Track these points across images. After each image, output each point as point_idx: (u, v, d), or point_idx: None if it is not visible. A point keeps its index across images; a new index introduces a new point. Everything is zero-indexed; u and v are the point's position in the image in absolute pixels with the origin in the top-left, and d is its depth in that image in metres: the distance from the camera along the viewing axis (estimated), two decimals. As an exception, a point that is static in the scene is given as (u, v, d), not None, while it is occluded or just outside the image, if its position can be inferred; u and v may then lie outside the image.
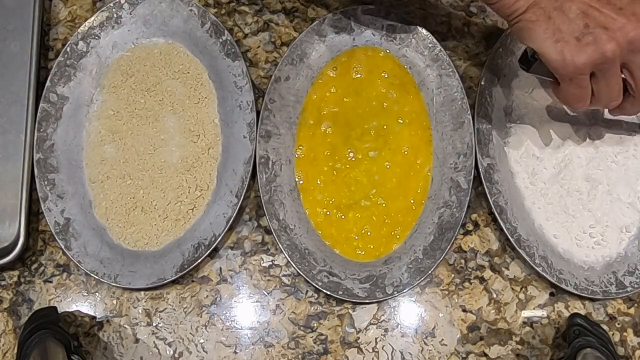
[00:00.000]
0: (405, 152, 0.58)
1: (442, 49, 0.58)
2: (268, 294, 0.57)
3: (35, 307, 0.58)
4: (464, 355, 0.55)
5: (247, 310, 0.57)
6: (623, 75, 0.46)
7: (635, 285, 0.55)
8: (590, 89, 0.46)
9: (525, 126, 0.58)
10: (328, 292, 0.55)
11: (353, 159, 0.58)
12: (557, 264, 0.55)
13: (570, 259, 0.56)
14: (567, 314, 0.56)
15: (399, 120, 0.58)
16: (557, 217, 0.56)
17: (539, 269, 0.54)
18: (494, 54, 0.58)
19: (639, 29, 0.42)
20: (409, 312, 0.56)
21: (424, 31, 0.59)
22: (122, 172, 0.58)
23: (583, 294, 0.54)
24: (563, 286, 0.54)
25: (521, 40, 0.47)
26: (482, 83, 0.57)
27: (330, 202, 0.57)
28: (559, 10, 0.44)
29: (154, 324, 0.57)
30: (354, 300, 0.55)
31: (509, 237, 0.55)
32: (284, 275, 0.57)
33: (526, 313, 0.56)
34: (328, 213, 0.57)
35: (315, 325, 0.56)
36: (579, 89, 0.46)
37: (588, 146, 0.58)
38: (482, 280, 0.57)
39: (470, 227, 0.58)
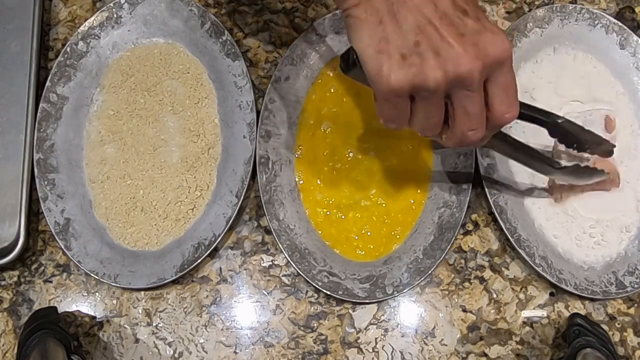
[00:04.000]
0: (405, 152, 0.58)
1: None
2: (268, 294, 0.57)
3: (35, 307, 0.58)
4: (464, 355, 0.55)
5: (247, 310, 0.57)
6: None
7: (635, 285, 0.55)
8: (406, 112, 0.40)
9: (525, 126, 0.58)
10: (328, 292, 0.55)
11: (353, 159, 0.58)
12: (557, 264, 0.55)
13: (570, 259, 0.56)
14: (567, 314, 0.56)
15: (399, 120, 0.58)
16: (557, 217, 0.56)
17: (539, 269, 0.54)
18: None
19: (473, 64, 0.36)
20: (409, 312, 0.56)
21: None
22: (122, 172, 0.58)
23: (583, 294, 0.54)
24: (563, 286, 0.54)
25: (348, 38, 0.40)
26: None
27: (330, 202, 0.57)
28: (393, 17, 0.37)
29: (154, 324, 0.57)
30: (354, 300, 0.55)
31: (509, 237, 0.55)
32: (284, 275, 0.57)
33: (526, 313, 0.56)
34: (328, 213, 0.57)
35: (315, 325, 0.56)
36: (392, 110, 0.39)
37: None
38: (482, 280, 0.57)
39: (470, 227, 0.58)
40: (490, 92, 0.39)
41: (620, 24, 0.59)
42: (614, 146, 0.54)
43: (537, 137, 0.56)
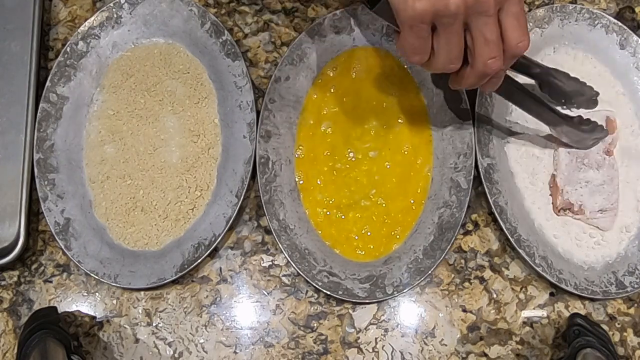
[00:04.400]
0: (405, 152, 0.58)
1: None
2: (268, 294, 0.57)
3: (35, 307, 0.58)
4: (464, 355, 0.55)
5: (247, 310, 0.57)
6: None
7: (635, 285, 0.55)
8: (429, 42, 0.42)
9: (525, 126, 0.58)
10: (328, 292, 0.55)
11: (353, 159, 0.58)
12: (557, 264, 0.55)
13: (570, 259, 0.56)
14: (567, 314, 0.56)
15: (399, 120, 0.58)
16: (557, 217, 0.56)
17: (539, 269, 0.54)
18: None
19: None
20: (409, 312, 0.56)
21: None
22: (122, 172, 0.58)
23: (583, 294, 0.54)
24: (563, 286, 0.54)
25: None
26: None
27: (330, 202, 0.57)
28: None
29: (154, 324, 0.57)
30: (354, 300, 0.55)
31: (509, 237, 0.55)
32: (284, 275, 0.57)
33: (526, 313, 0.56)
34: (328, 213, 0.57)
35: (315, 325, 0.56)
36: (417, 40, 0.42)
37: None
38: (482, 280, 0.57)
39: (470, 227, 0.58)
40: (504, 22, 0.41)
41: (620, 24, 0.59)
42: (597, 93, 0.57)
43: (538, 124, 0.56)
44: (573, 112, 0.57)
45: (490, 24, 0.41)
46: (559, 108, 0.56)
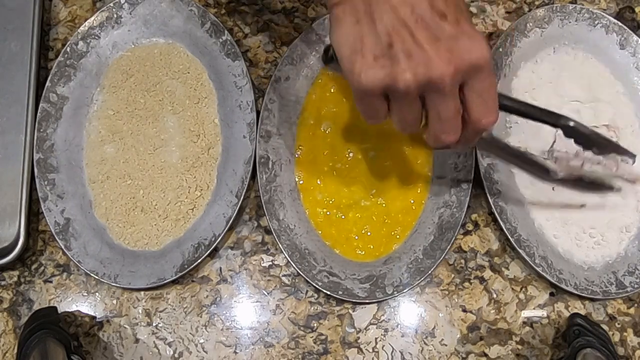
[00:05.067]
0: (405, 152, 0.58)
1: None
2: (268, 294, 0.57)
3: (35, 307, 0.58)
4: (464, 355, 0.55)
5: (247, 310, 0.57)
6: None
7: (635, 285, 0.55)
8: (382, 109, 0.40)
9: (525, 126, 0.58)
10: (328, 292, 0.55)
11: (353, 159, 0.58)
12: (557, 264, 0.55)
13: (570, 259, 0.56)
14: (567, 314, 0.56)
15: (399, 120, 0.58)
16: (557, 217, 0.56)
17: (539, 269, 0.54)
18: (493, 54, 0.58)
19: (444, 69, 0.36)
20: (409, 312, 0.56)
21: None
22: (122, 172, 0.58)
23: (583, 294, 0.54)
24: (563, 286, 0.54)
25: (329, 33, 0.40)
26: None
27: (330, 202, 0.57)
28: (370, 18, 0.37)
29: (154, 324, 0.57)
30: (354, 300, 0.55)
31: (509, 237, 0.55)
32: (284, 275, 0.57)
33: (526, 313, 0.56)
34: (328, 213, 0.57)
35: (315, 325, 0.56)
36: (367, 107, 0.40)
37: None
38: (482, 280, 0.57)
39: (470, 227, 0.58)
40: (467, 97, 0.38)
41: (620, 24, 0.59)
42: (634, 155, 0.51)
43: (536, 139, 0.56)
44: (572, 176, 0.53)
45: (446, 102, 0.38)
46: (588, 153, 0.51)
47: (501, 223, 0.55)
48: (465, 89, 0.38)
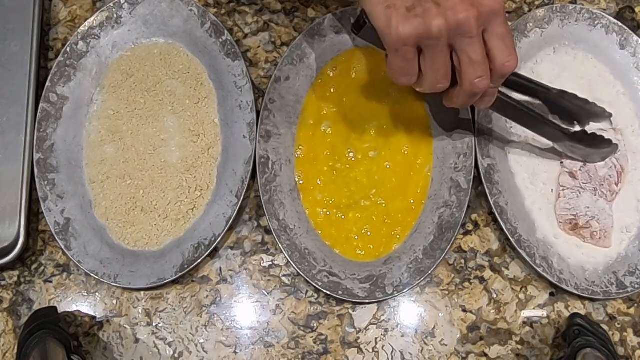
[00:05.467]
0: (405, 152, 0.58)
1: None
2: (268, 294, 0.57)
3: (35, 307, 0.58)
4: (464, 355, 0.55)
5: (247, 310, 0.57)
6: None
7: (636, 286, 0.55)
8: (416, 64, 0.44)
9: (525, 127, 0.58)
10: (328, 292, 0.55)
11: (353, 159, 0.58)
12: (557, 264, 0.55)
13: (571, 260, 0.56)
14: (567, 314, 0.56)
15: (399, 120, 0.58)
16: (558, 218, 0.56)
17: (539, 270, 0.54)
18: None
19: (469, 12, 0.41)
20: (409, 312, 0.56)
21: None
22: (122, 172, 0.58)
23: (584, 295, 0.54)
24: (564, 286, 0.54)
25: (359, 1, 0.45)
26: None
27: (330, 202, 0.57)
28: None
29: (154, 324, 0.57)
30: (354, 300, 0.55)
31: (510, 237, 0.55)
32: (284, 275, 0.57)
33: (526, 313, 0.56)
34: (328, 213, 0.57)
35: (315, 325, 0.56)
36: (403, 62, 0.44)
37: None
38: (482, 280, 0.57)
39: (470, 227, 0.58)
40: (489, 43, 0.43)
41: (620, 24, 0.59)
42: (611, 114, 0.57)
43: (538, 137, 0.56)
44: (576, 127, 0.57)
45: (474, 45, 0.42)
46: (564, 125, 0.56)
47: (502, 224, 0.55)
48: (486, 35, 0.43)
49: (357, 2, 0.55)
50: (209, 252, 0.55)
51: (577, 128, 0.57)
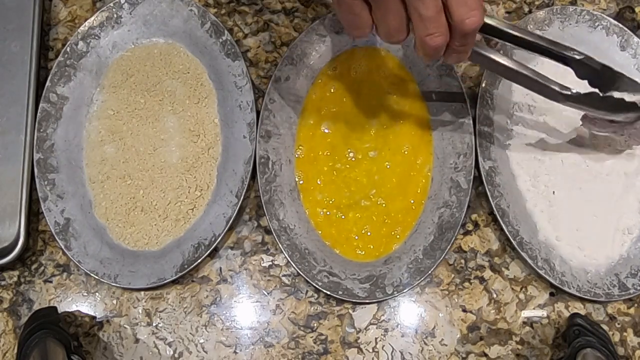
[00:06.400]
0: (405, 152, 0.58)
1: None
2: (268, 294, 0.57)
3: (35, 307, 0.58)
4: (464, 355, 0.55)
5: (247, 310, 0.57)
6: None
7: (638, 287, 0.55)
8: (365, 16, 0.39)
9: (526, 129, 0.58)
10: (328, 292, 0.55)
11: (353, 159, 0.58)
12: (559, 266, 0.55)
13: (573, 262, 0.56)
14: (567, 314, 0.56)
15: (399, 120, 0.58)
16: (559, 220, 0.56)
17: (541, 272, 0.54)
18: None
19: None
20: (409, 312, 0.56)
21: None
22: (122, 172, 0.58)
23: (586, 297, 0.54)
24: (565, 288, 0.54)
25: None
26: (483, 85, 0.57)
27: (330, 202, 0.57)
28: None
29: (154, 324, 0.57)
30: (354, 300, 0.55)
31: (512, 239, 0.54)
32: (284, 275, 0.57)
33: (526, 313, 0.56)
34: (328, 213, 0.57)
35: (315, 325, 0.56)
36: (349, 15, 0.40)
37: (589, 148, 0.57)
38: (482, 280, 0.57)
39: (470, 227, 0.58)
40: None
41: (620, 25, 0.59)
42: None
43: (539, 126, 0.55)
44: (589, 89, 0.48)
45: (425, 0, 0.37)
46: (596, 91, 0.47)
47: (503, 225, 0.55)
48: None
49: None
50: (209, 252, 0.55)
51: (585, 89, 0.48)
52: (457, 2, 0.37)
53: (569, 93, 0.46)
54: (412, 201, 0.57)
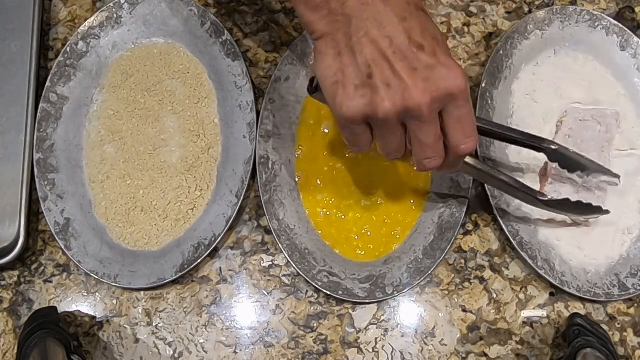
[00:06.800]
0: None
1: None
2: (268, 294, 0.57)
3: (35, 307, 0.58)
4: (464, 355, 0.55)
5: (247, 310, 0.57)
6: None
7: (638, 287, 0.55)
8: (366, 137, 0.42)
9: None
10: (328, 292, 0.55)
11: (353, 159, 0.58)
12: (559, 266, 0.55)
13: (573, 262, 0.56)
14: (567, 314, 0.56)
15: (399, 121, 0.58)
16: (559, 220, 0.56)
17: (541, 272, 0.54)
18: (494, 56, 0.58)
19: (421, 98, 0.37)
20: (409, 312, 0.56)
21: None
22: (122, 172, 0.58)
23: (586, 297, 0.54)
24: (565, 289, 0.54)
25: (313, 65, 0.43)
26: (483, 86, 0.57)
27: (330, 202, 0.57)
28: (351, 51, 0.39)
29: (154, 324, 0.57)
30: (354, 300, 0.55)
31: (512, 240, 0.54)
32: (284, 275, 0.57)
33: (526, 313, 0.56)
34: (328, 213, 0.57)
35: (315, 325, 0.56)
36: (351, 135, 0.42)
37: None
38: (482, 280, 0.57)
39: (470, 227, 0.58)
40: (446, 124, 0.40)
41: (620, 25, 0.59)
42: (618, 176, 0.54)
43: (540, 127, 0.56)
44: (561, 195, 0.55)
45: (425, 129, 0.40)
46: (573, 177, 0.54)
47: (503, 226, 0.55)
48: (444, 115, 0.40)
49: (310, 69, 0.56)
50: (209, 252, 0.55)
51: (553, 196, 0.54)
52: (454, 130, 0.41)
53: (545, 199, 0.51)
54: (412, 201, 0.57)
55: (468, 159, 0.48)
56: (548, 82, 0.59)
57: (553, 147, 0.52)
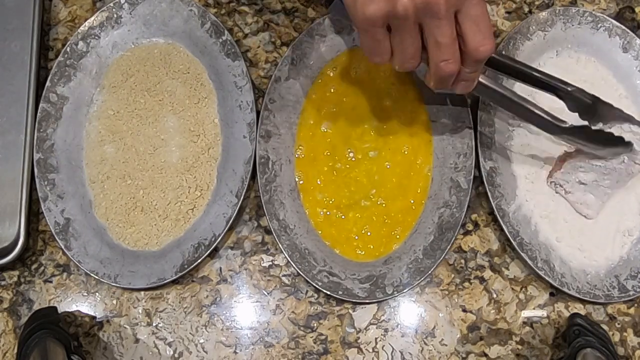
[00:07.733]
0: (405, 152, 0.58)
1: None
2: (268, 294, 0.57)
3: (35, 307, 0.58)
4: (464, 355, 0.55)
5: (247, 310, 0.57)
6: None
7: (638, 289, 0.55)
8: (386, 44, 0.42)
9: (527, 129, 0.58)
10: (328, 292, 0.55)
11: (353, 159, 0.58)
12: (559, 267, 0.55)
13: (573, 263, 0.55)
14: (567, 314, 0.56)
15: (399, 120, 0.58)
16: (559, 221, 0.56)
17: (541, 273, 0.54)
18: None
19: None
20: (409, 312, 0.56)
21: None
22: (122, 172, 0.58)
23: (585, 298, 0.54)
24: (565, 290, 0.54)
25: None
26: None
27: (330, 202, 0.57)
28: None
29: (154, 324, 0.57)
30: (354, 300, 0.55)
31: (512, 240, 0.54)
32: (284, 275, 0.57)
33: (526, 313, 0.56)
34: (328, 213, 0.57)
35: (315, 325, 0.56)
36: (373, 42, 0.42)
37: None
38: (482, 280, 0.57)
39: (470, 227, 0.58)
40: (462, 25, 0.41)
41: (623, 27, 0.59)
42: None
43: (540, 141, 0.56)
44: (581, 122, 0.53)
45: (442, 27, 0.40)
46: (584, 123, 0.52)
47: (503, 226, 0.55)
48: (459, 16, 0.40)
49: None
50: (209, 252, 0.55)
51: (580, 123, 0.52)
52: (472, 30, 0.41)
53: (565, 126, 0.49)
54: (412, 201, 0.57)
55: (483, 79, 0.47)
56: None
57: (570, 89, 0.51)
